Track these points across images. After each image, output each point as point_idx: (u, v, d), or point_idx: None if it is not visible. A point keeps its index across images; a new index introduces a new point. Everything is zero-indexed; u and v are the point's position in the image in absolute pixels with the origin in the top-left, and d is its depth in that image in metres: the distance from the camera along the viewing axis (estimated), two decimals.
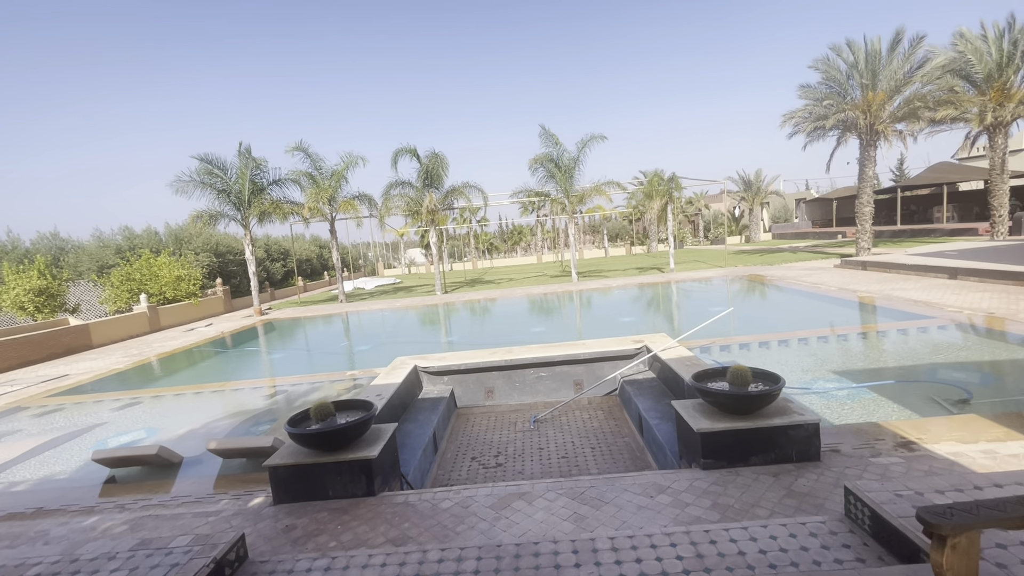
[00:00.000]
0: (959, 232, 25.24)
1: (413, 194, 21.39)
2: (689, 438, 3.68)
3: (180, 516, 3.61)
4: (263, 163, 19.86)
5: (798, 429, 3.50)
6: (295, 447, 3.76)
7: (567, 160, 20.50)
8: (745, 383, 3.66)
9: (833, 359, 7.32)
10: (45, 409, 8.37)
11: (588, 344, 6.98)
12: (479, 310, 17.50)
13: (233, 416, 7.30)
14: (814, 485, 3.19)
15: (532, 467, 4.80)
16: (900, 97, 18.57)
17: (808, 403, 5.36)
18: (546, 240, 51.70)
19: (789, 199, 54.76)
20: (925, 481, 2.98)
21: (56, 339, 13.93)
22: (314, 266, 41.25)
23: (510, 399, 6.69)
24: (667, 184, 24.94)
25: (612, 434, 5.43)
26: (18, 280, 16.48)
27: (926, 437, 3.87)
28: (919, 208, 35.90)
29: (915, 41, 17.78)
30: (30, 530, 3.57)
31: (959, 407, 4.96)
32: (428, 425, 5.32)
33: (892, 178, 54.40)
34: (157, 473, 4.98)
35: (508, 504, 3.30)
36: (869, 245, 19.58)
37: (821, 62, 19.45)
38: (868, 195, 19.42)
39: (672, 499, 3.18)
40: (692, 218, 51.27)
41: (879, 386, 5.80)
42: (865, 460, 3.50)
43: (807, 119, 20.49)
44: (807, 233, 39.64)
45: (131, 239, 25.25)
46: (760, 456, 3.51)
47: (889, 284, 12.41)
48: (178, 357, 12.73)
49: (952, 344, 7.47)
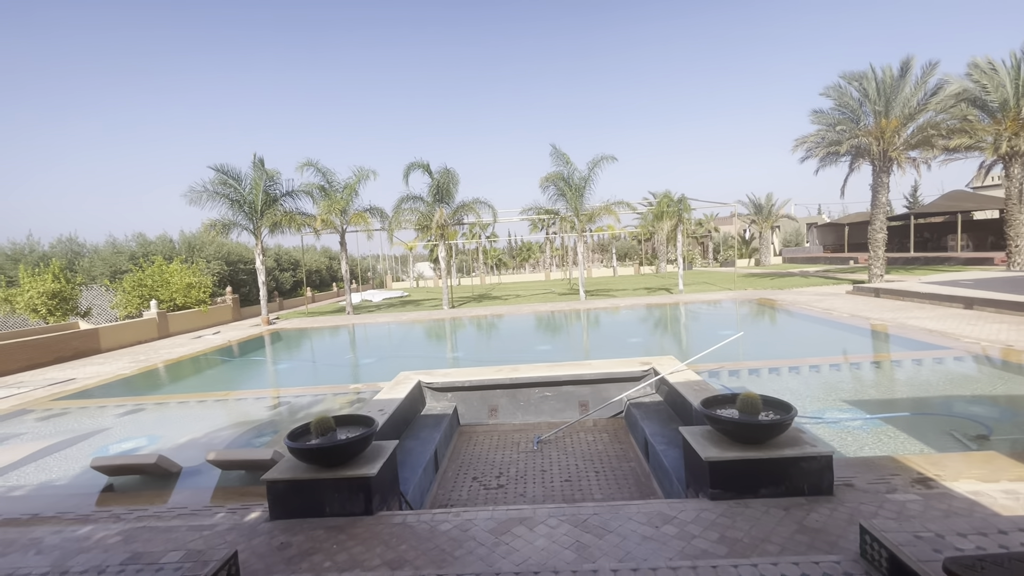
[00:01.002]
0: (974, 261, 24.90)
1: (424, 208, 21.55)
2: (697, 466, 3.58)
3: (174, 529, 3.54)
4: (277, 175, 20.20)
5: (810, 461, 3.38)
6: (294, 462, 3.70)
7: (577, 179, 20.62)
8: (755, 411, 3.56)
9: (845, 388, 7.15)
10: (49, 412, 8.38)
11: (594, 364, 6.89)
12: (485, 326, 17.43)
13: (234, 426, 7.26)
14: (827, 521, 3.06)
15: (534, 490, 4.69)
16: (914, 124, 18.52)
17: (819, 433, 5.22)
18: (554, 257, 51.74)
19: (800, 223, 54.55)
20: (945, 522, 2.85)
21: (65, 342, 14.05)
22: (323, 277, 41.54)
23: (514, 418, 6.59)
24: (677, 205, 24.94)
25: (617, 458, 5.31)
26: (33, 283, 16.71)
27: (944, 474, 3.72)
28: (933, 236, 35.56)
29: (927, 68, 17.80)
30: (24, 537, 3.52)
31: (978, 443, 4.80)
32: (430, 442, 5.24)
33: (905, 205, 54.09)
34: (155, 483, 4.93)
35: (508, 529, 3.21)
36: (882, 272, 19.34)
37: (833, 89, 19.50)
38: (881, 221, 19.25)
39: (678, 530, 3.07)
40: (702, 239, 51.18)
41: (893, 418, 5.64)
42: (880, 496, 3.37)
43: (819, 144, 20.48)
44: (818, 258, 39.34)
45: (145, 245, 25.62)
46: (770, 488, 3.39)
47: (903, 312, 12.20)
48: (184, 364, 12.76)
49: (969, 376, 7.28)
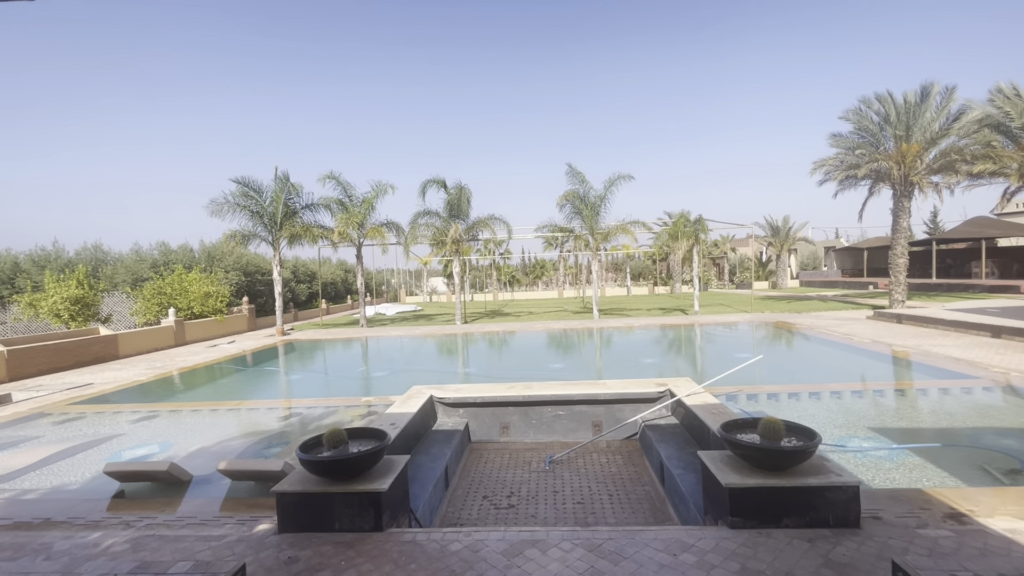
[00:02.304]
0: (999, 289, 24.23)
1: (439, 224, 21.73)
2: (716, 492, 3.46)
3: (183, 538, 3.51)
4: (299, 188, 20.57)
5: (836, 491, 3.25)
6: (304, 474, 3.66)
7: (593, 198, 20.66)
8: (778, 437, 3.45)
9: (869, 416, 6.92)
10: (66, 416, 8.48)
11: (609, 384, 6.78)
12: (498, 342, 17.35)
13: (246, 436, 7.26)
14: (854, 556, 2.92)
15: (546, 511, 4.58)
16: (936, 149, 18.28)
17: (843, 462, 5.03)
18: (568, 275, 51.63)
19: (818, 246, 53.84)
20: (982, 561, 2.70)
21: (85, 347, 14.30)
22: (338, 289, 41.95)
23: (526, 437, 6.49)
24: (693, 226, 24.78)
25: (631, 481, 5.18)
26: (57, 288, 17.12)
27: (977, 509, 3.55)
28: (956, 262, 34.78)
29: (946, 94, 17.62)
30: (34, 541, 3.52)
31: (1011, 477, 4.58)
32: (441, 459, 5.17)
33: (926, 230, 53.20)
34: (166, 490, 4.92)
35: (521, 552, 3.12)
36: (903, 298, 18.92)
37: (852, 112, 19.39)
38: (902, 246, 18.90)
39: (697, 559, 2.96)
40: (718, 260, 50.71)
41: (921, 449, 5.42)
42: (911, 531, 3.21)
43: (838, 167, 20.29)
44: (836, 282, 38.66)
45: (167, 254, 26.18)
46: (793, 518, 3.26)
47: (927, 339, 11.86)
48: (199, 372, 12.88)
49: (999, 408, 7.00)
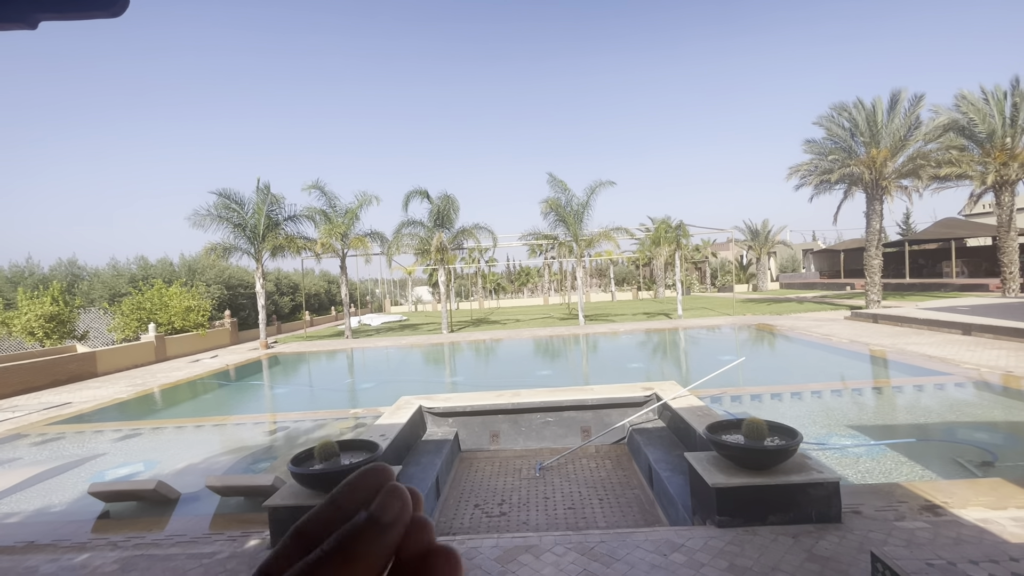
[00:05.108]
0: (969, 287, 25.07)
1: (423, 233, 21.74)
2: (703, 493, 3.55)
3: (173, 557, 3.48)
4: (280, 199, 20.40)
5: (817, 487, 3.37)
6: (296, 487, 3.66)
7: (576, 205, 20.89)
8: (761, 437, 3.56)
9: (848, 414, 7.12)
10: (45, 437, 8.26)
11: (596, 390, 6.87)
12: (485, 350, 17.37)
13: (233, 452, 7.16)
14: (836, 549, 3.04)
15: (537, 517, 4.63)
16: (904, 154, 18.93)
17: (824, 459, 5.19)
18: (553, 282, 51.87)
19: (796, 249, 55.00)
20: (956, 550, 2.83)
21: (61, 366, 13.92)
22: (322, 301, 41.47)
23: (515, 444, 6.53)
24: (675, 231, 25.23)
25: (621, 485, 5.26)
26: (31, 306, 16.64)
27: (952, 501, 3.70)
28: (928, 262, 35.88)
29: (915, 101, 18.30)
30: (19, 566, 3.45)
31: (983, 470, 4.78)
32: (431, 468, 5.19)
33: (899, 232, 54.70)
34: (153, 509, 4.85)
35: (515, 557, 3.16)
36: (879, 298, 19.46)
37: (825, 119, 19.99)
38: (876, 248, 19.46)
39: (686, 558, 3.04)
40: (699, 265, 51.47)
41: (898, 444, 5.61)
42: (889, 523, 3.34)
43: (813, 172, 20.85)
44: (815, 283, 39.56)
45: (146, 268, 25.64)
46: (778, 515, 3.37)
47: (902, 338, 12.23)
48: (181, 388, 12.63)
49: (971, 403, 7.27)
